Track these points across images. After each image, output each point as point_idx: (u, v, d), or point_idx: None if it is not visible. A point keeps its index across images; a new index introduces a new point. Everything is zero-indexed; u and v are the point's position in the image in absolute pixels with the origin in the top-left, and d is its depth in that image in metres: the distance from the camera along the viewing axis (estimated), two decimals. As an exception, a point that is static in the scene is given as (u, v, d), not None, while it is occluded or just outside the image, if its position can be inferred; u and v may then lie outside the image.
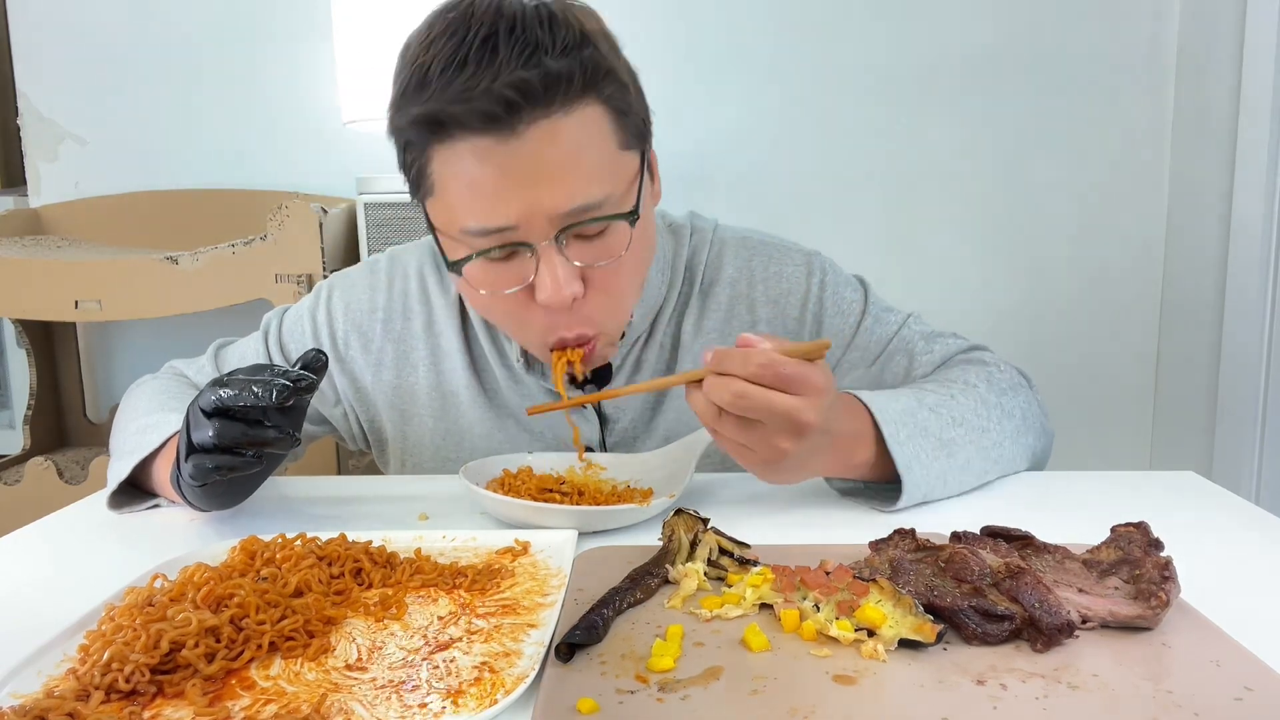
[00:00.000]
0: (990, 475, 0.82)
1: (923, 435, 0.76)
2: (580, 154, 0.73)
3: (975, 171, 2.09)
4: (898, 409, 0.76)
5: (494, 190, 0.72)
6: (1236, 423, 1.86)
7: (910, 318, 0.97)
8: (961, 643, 0.51)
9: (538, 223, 0.73)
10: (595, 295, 0.78)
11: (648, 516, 0.73)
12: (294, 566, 0.59)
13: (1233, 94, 1.85)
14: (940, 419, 0.78)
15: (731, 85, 2.07)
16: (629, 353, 0.94)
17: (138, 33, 2.10)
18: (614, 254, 0.77)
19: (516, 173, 0.71)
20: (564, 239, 0.74)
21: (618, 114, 0.75)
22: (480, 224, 0.73)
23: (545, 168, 0.71)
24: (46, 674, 0.49)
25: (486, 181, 0.72)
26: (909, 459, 0.74)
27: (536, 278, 0.75)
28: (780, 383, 0.65)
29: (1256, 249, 1.79)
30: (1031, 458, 0.89)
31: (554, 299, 0.74)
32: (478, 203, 0.73)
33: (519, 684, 0.46)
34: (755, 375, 0.65)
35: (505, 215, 0.73)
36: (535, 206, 0.72)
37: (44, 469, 1.83)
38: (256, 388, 0.64)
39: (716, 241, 0.98)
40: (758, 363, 0.65)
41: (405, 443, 0.98)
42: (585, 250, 0.76)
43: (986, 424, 0.82)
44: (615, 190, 0.75)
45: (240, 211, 2.07)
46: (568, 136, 0.72)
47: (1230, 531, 0.71)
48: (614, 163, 0.76)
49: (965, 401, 0.82)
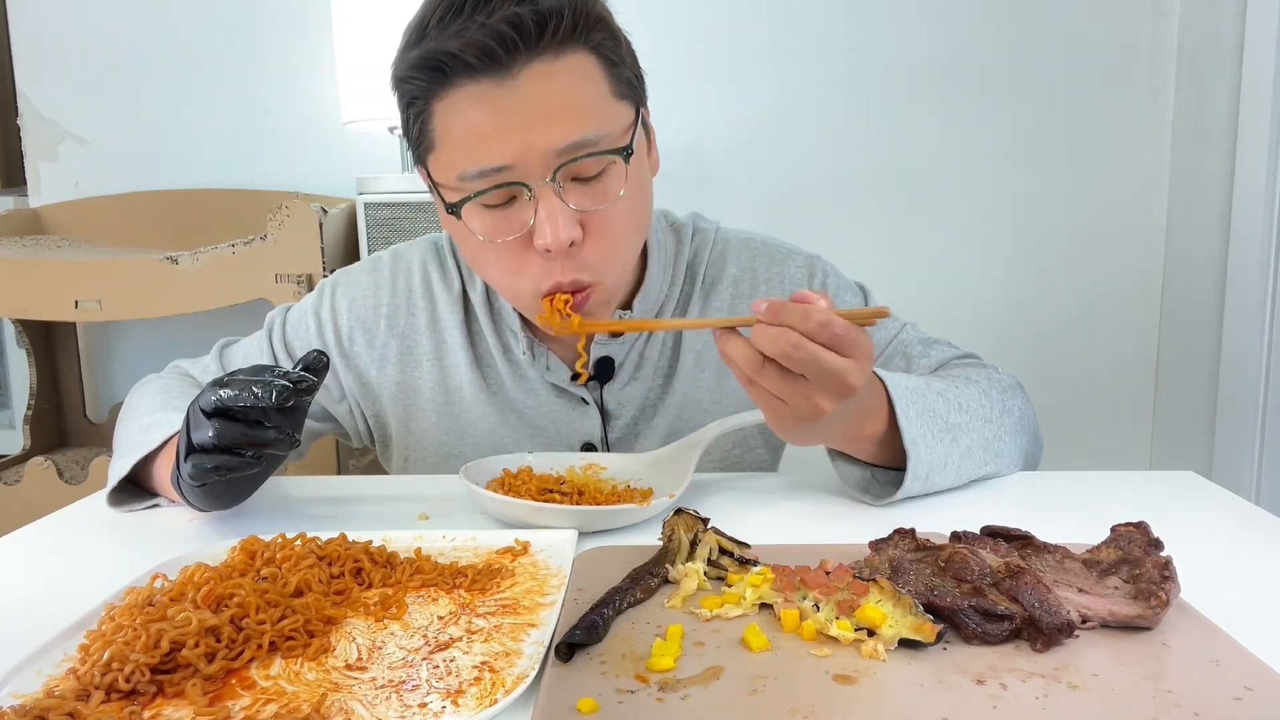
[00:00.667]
0: (987, 469, 0.83)
1: (931, 416, 0.77)
2: (574, 95, 0.75)
3: (975, 171, 2.09)
4: (908, 387, 0.77)
5: (491, 131, 0.75)
6: (1236, 423, 1.86)
7: (907, 325, 0.98)
8: (961, 642, 0.51)
9: (534, 161, 0.75)
10: (593, 242, 0.79)
11: (648, 516, 0.73)
12: (294, 566, 0.59)
13: (1233, 94, 1.85)
14: (947, 403, 0.79)
15: (730, 85, 2.07)
16: (630, 350, 0.94)
17: (138, 33, 2.10)
18: (610, 196, 0.78)
19: (513, 113, 0.74)
20: (561, 182, 0.76)
21: (609, 63, 0.78)
22: (478, 166, 0.76)
23: (540, 108, 0.74)
24: (47, 674, 0.49)
25: (484, 124, 0.75)
26: (916, 436, 0.75)
27: (535, 222, 0.76)
28: (834, 342, 0.65)
29: (1256, 249, 1.79)
30: (1025, 461, 0.89)
31: (552, 241, 0.76)
32: (476, 146, 0.75)
33: (519, 684, 0.46)
34: (813, 332, 0.64)
35: (502, 154, 0.75)
36: (530, 145, 0.74)
37: (44, 469, 1.83)
38: (257, 388, 0.64)
39: (719, 242, 0.99)
40: (818, 320, 0.64)
41: (409, 438, 0.99)
42: (582, 194, 0.78)
43: (989, 415, 0.83)
44: (608, 132, 0.77)
45: (240, 211, 2.08)
46: (561, 79, 0.75)
47: (1230, 531, 0.71)
48: (607, 108, 0.78)
49: (969, 392, 0.83)
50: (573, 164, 0.76)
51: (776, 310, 0.65)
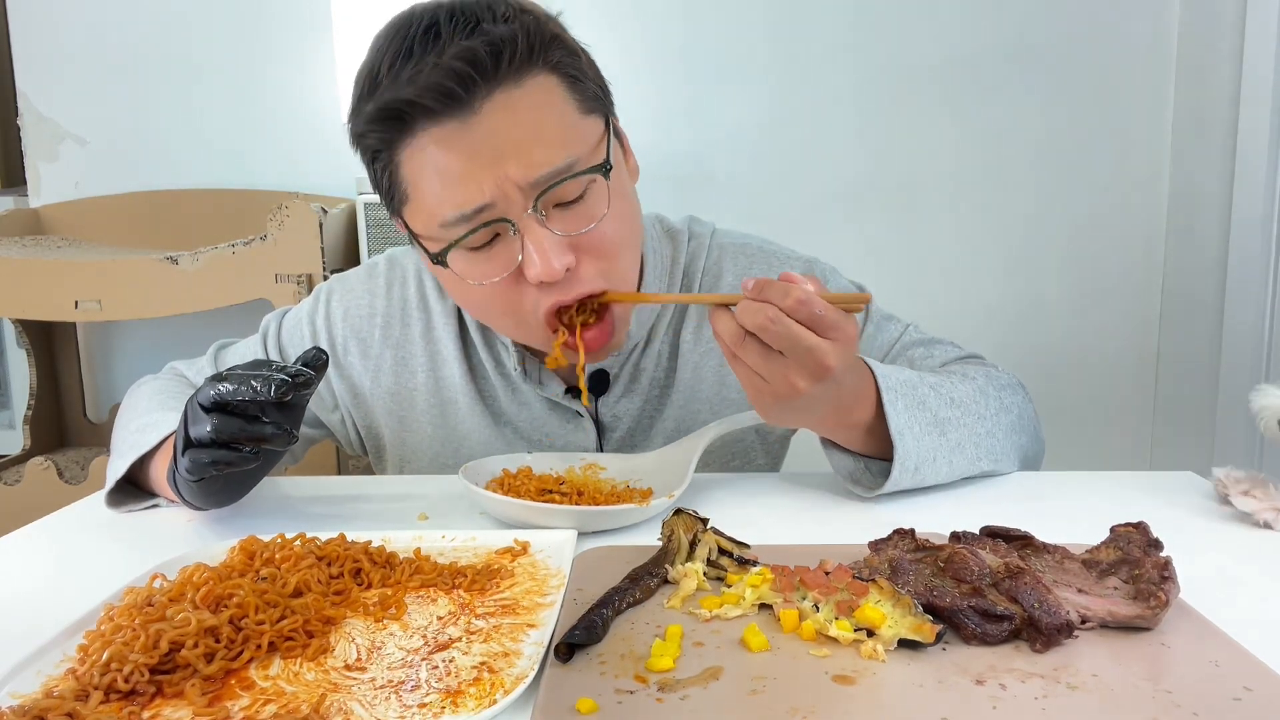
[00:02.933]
0: (981, 465, 0.82)
1: (920, 408, 0.77)
2: (540, 122, 0.74)
3: (974, 172, 2.09)
4: (899, 379, 0.78)
5: (463, 173, 0.73)
6: (1236, 423, 1.86)
7: (910, 326, 0.98)
8: (961, 643, 0.51)
9: (512, 196, 0.73)
10: (589, 261, 0.78)
11: (647, 516, 0.73)
12: (293, 566, 0.59)
13: (1233, 94, 1.84)
14: (940, 397, 0.79)
15: (729, 87, 2.07)
16: (626, 360, 0.93)
17: (138, 33, 2.09)
18: (597, 215, 0.77)
19: (482, 151, 0.72)
20: (543, 210, 0.75)
21: (571, 80, 0.76)
22: (457, 210, 0.74)
23: (508, 141, 0.72)
24: (46, 674, 0.49)
25: (454, 166, 0.73)
26: (902, 426, 0.75)
27: (524, 256, 0.75)
28: (812, 321, 0.66)
29: (1256, 249, 1.79)
30: (1023, 460, 0.89)
31: (544, 273, 0.74)
32: (450, 190, 0.73)
33: (518, 684, 0.46)
34: (791, 309, 0.66)
35: (479, 194, 0.73)
36: (506, 179, 0.73)
37: (44, 469, 1.83)
38: (255, 383, 0.64)
39: (715, 247, 0.98)
40: (796, 297, 0.66)
41: (403, 449, 0.98)
42: (567, 219, 0.76)
43: (983, 411, 0.83)
44: (582, 152, 0.76)
45: (240, 211, 2.07)
46: (524, 106, 0.73)
47: (1230, 532, 0.71)
48: (577, 128, 0.76)
49: (964, 388, 0.83)
50: (553, 190, 0.74)
51: (761, 287, 0.67)
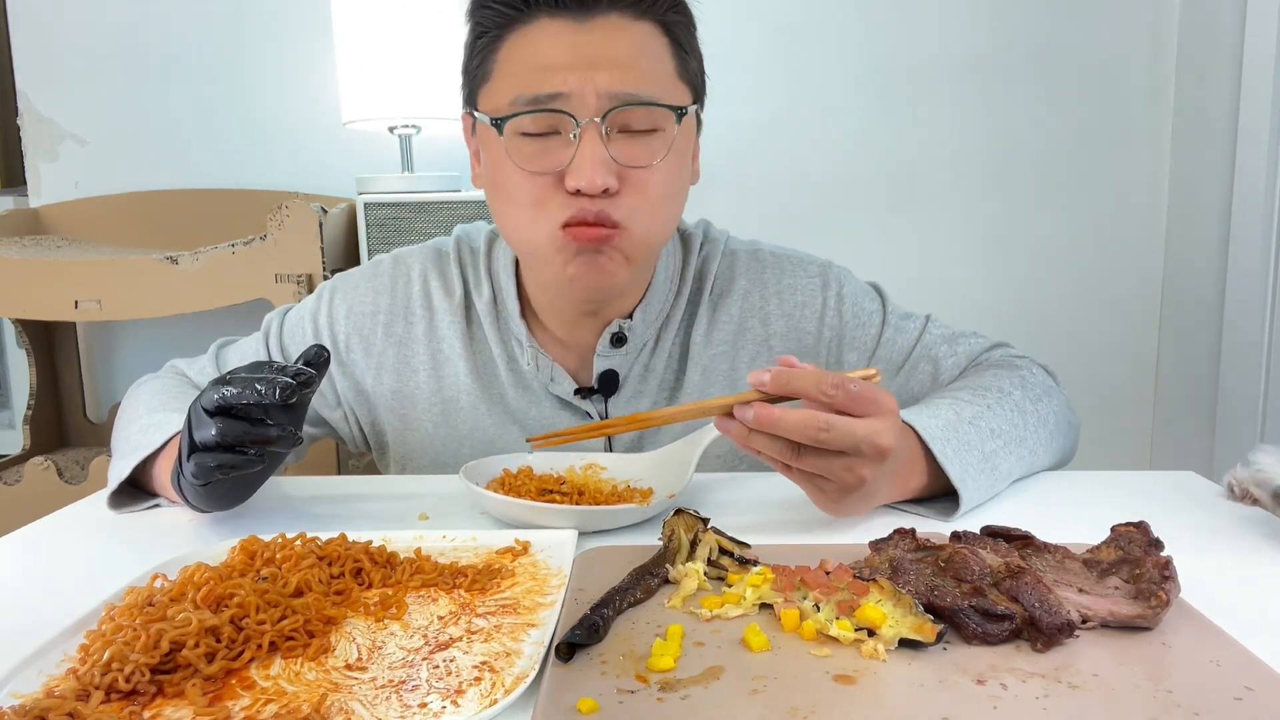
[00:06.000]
0: (1019, 475, 0.82)
1: (967, 450, 0.75)
2: (641, 54, 0.79)
3: (975, 172, 2.09)
4: (938, 425, 0.75)
5: (556, 63, 0.77)
6: (1236, 423, 1.86)
7: (930, 322, 0.97)
8: (961, 642, 0.51)
9: (589, 96, 0.77)
10: (628, 195, 0.79)
11: (648, 516, 0.73)
12: (294, 566, 0.59)
13: (1233, 94, 1.85)
14: (979, 432, 0.77)
15: (730, 87, 2.07)
16: (636, 360, 0.93)
17: (138, 33, 2.10)
18: (654, 156, 0.80)
19: (581, 52, 0.77)
20: (608, 128, 0.77)
21: (678, 47, 0.82)
22: (535, 91, 0.77)
23: (606, 54, 0.77)
24: (47, 674, 0.49)
25: (552, 55, 0.77)
26: (962, 474, 0.73)
27: (573, 160, 0.77)
28: (852, 402, 0.63)
29: (1256, 249, 1.79)
30: (1061, 458, 0.89)
31: (586, 183, 0.76)
32: (538, 74, 0.77)
33: (519, 684, 0.46)
34: (829, 396, 0.63)
35: (563, 82, 0.77)
36: (590, 80, 0.76)
37: (44, 469, 1.83)
38: (260, 385, 0.64)
39: (728, 253, 0.98)
40: (831, 382, 0.63)
41: (406, 447, 0.98)
42: (625, 147, 0.79)
43: (1024, 434, 0.81)
44: (666, 96, 0.80)
45: (240, 211, 2.07)
46: (633, 37, 0.79)
47: (1230, 531, 0.71)
48: (670, 80, 0.81)
49: (1002, 412, 0.81)
50: (625, 110, 0.77)
51: (784, 379, 0.63)
